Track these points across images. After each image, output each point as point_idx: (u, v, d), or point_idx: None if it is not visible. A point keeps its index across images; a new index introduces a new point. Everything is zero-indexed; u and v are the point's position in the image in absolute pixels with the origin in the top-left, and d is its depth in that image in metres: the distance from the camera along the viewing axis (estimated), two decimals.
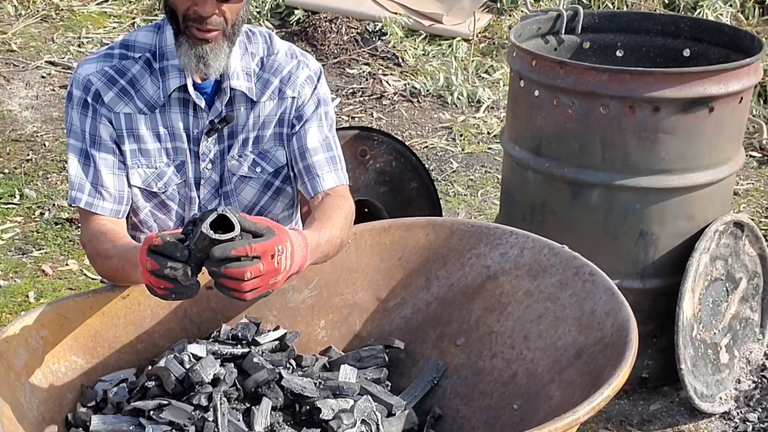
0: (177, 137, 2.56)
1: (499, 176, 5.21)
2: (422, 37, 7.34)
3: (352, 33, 7.34)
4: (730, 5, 7.32)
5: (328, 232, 2.33)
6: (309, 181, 2.56)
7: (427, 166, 4.74)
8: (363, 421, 2.14)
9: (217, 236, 1.95)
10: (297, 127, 2.60)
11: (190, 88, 2.51)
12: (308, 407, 2.18)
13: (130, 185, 2.56)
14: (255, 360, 2.24)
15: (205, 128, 2.55)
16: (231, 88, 2.54)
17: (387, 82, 6.85)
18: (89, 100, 2.51)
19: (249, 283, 1.97)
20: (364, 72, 6.98)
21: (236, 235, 1.97)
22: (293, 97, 2.60)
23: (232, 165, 2.61)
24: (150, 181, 2.57)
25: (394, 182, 3.81)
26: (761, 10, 7.46)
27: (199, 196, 2.62)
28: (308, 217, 2.48)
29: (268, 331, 2.42)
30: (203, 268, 2.01)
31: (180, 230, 2.04)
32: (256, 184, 2.65)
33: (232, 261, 1.95)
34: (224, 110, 2.56)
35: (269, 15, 7.72)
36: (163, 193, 2.60)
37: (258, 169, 2.63)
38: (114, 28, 7.65)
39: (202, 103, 2.54)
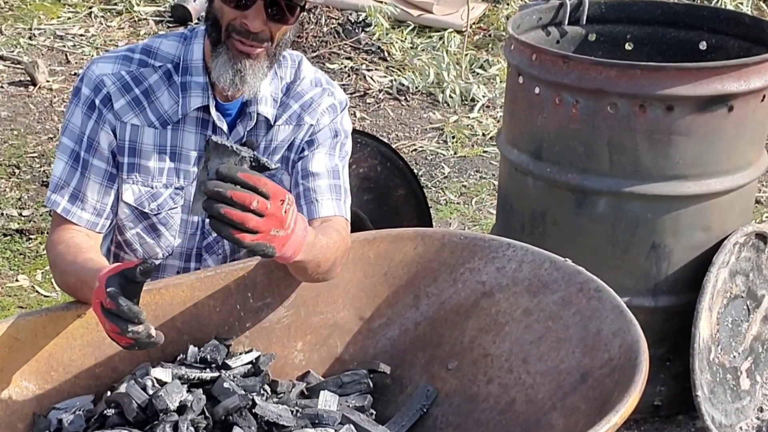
0: (183, 158, 2.59)
1: (496, 182, 5.23)
2: (410, 28, 7.37)
3: (333, 24, 7.36)
4: None
5: (326, 240, 2.34)
6: (306, 205, 2.56)
7: (415, 171, 4.76)
8: None
9: (228, 143, 1.93)
10: (306, 152, 2.63)
11: (212, 110, 2.56)
12: None
13: (119, 201, 2.59)
14: (225, 385, 2.24)
15: None
16: (257, 113, 2.59)
17: (371, 78, 6.87)
18: (97, 102, 2.54)
19: (253, 219, 1.94)
20: (345, 67, 7.00)
21: (247, 155, 1.94)
22: (311, 125, 2.65)
23: None
24: (143, 200, 2.60)
25: (379, 189, 3.82)
26: None
27: (203, 220, 2.64)
28: None
29: (240, 353, 2.42)
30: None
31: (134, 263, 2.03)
32: None
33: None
34: (245, 135, 2.60)
35: None
36: (155, 215, 2.62)
37: None
38: (69, 18, 7.65)
39: (224, 126, 2.58)
